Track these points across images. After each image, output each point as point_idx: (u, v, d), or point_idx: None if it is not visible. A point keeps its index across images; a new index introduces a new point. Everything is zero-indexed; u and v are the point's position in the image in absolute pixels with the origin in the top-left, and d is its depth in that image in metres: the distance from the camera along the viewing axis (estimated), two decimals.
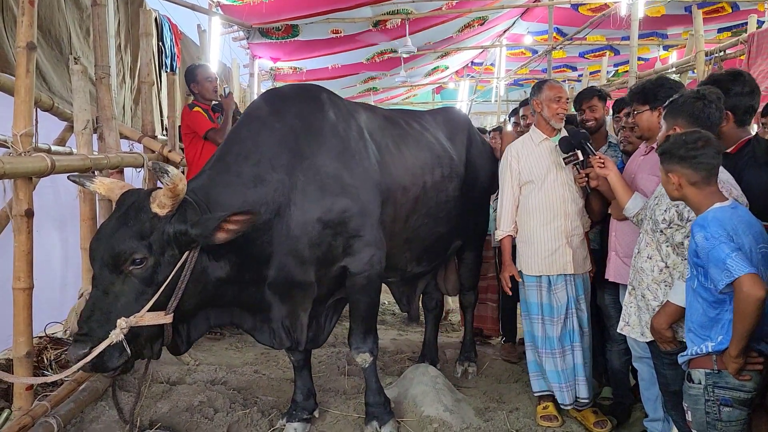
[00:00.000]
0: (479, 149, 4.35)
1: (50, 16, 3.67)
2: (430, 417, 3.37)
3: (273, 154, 2.97)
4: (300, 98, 3.30)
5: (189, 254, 2.54)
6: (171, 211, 2.47)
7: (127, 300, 2.43)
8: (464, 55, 13.74)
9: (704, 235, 2.06)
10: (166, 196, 2.42)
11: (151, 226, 2.45)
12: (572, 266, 3.35)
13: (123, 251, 2.40)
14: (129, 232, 2.42)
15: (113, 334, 2.35)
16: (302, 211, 2.94)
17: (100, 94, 3.63)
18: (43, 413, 2.82)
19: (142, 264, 2.43)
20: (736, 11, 9.13)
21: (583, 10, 9.90)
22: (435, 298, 4.48)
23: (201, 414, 3.31)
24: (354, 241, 3.10)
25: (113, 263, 2.41)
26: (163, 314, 2.49)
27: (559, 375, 3.37)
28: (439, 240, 3.95)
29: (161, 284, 2.47)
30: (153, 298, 2.45)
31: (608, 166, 3.00)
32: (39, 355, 3.79)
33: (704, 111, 2.42)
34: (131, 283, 2.45)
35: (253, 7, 7.24)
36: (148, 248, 2.44)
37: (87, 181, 2.69)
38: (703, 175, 2.16)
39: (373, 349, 3.33)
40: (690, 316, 2.24)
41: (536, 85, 3.52)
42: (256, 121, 3.12)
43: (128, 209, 2.48)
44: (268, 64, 9.59)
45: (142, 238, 2.43)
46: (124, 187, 2.64)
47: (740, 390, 2.09)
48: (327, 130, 3.18)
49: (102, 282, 2.44)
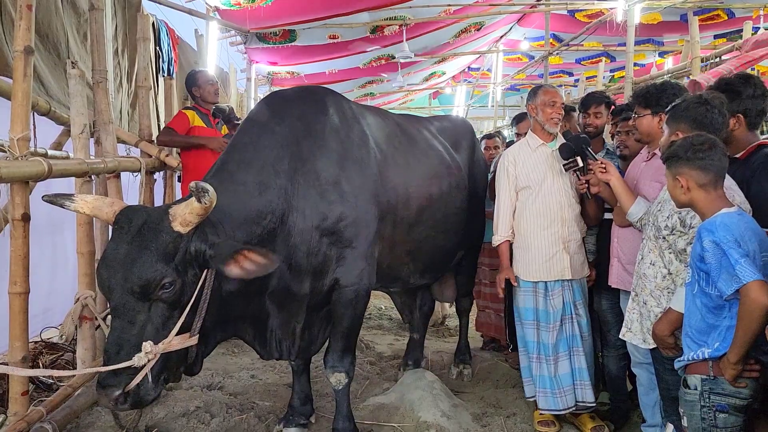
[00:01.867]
0: (480, 158, 4.38)
1: (48, 20, 3.67)
2: (428, 422, 3.36)
3: (275, 158, 2.90)
4: (303, 100, 3.23)
5: (208, 272, 2.42)
6: (193, 229, 2.36)
7: (154, 327, 2.29)
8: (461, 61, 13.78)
9: (712, 240, 2.04)
10: (194, 214, 2.29)
11: (174, 246, 2.31)
12: (570, 272, 3.35)
13: (153, 277, 2.24)
14: (153, 255, 2.26)
15: (138, 357, 2.21)
16: (302, 218, 2.89)
17: (97, 99, 3.62)
18: (39, 418, 2.80)
19: (171, 288, 2.30)
20: (731, 18, 9.18)
21: (579, 17, 9.93)
22: (427, 300, 4.47)
23: (197, 419, 3.30)
24: (347, 252, 3.03)
25: (142, 291, 2.25)
26: (188, 336, 2.38)
27: (552, 381, 3.35)
28: (445, 252, 3.92)
29: (186, 306, 2.36)
30: (179, 321, 2.34)
31: (610, 171, 2.99)
32: (35, 359, 3.79)
33: (707, 116, 2.41)
34: (159, 309, 2.31)
35: (251, 12, 7.25)
36: (175, 270, 2.30)
37: (66, 200, 2.46)
38: (712, 177, 2.15)
39: (349, 371, 3.17)
40: (688, 321, 2.24)
41: (532, 91, 3.54)
42: (257, 125, 3.05)
43: (143, 230, 2.30)
44: (265, 68, 9.61)
45: (169, 261, 2.29)
46: (113, 204, 2.45)
47: (736, 397, 2.09)
48: (328, 134, 3.11)
49: (126, 312, 2.26)
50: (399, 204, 3.36)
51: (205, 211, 2.30)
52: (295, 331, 3.02)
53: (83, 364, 3.28)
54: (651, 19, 9.29)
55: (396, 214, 3.35)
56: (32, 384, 3.50)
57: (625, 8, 7.35)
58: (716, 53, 5.49)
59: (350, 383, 3.21)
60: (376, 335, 5.64)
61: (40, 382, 3.60)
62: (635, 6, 7.13)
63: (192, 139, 4.39)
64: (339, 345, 3.14)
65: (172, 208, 2.36)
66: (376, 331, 5.81)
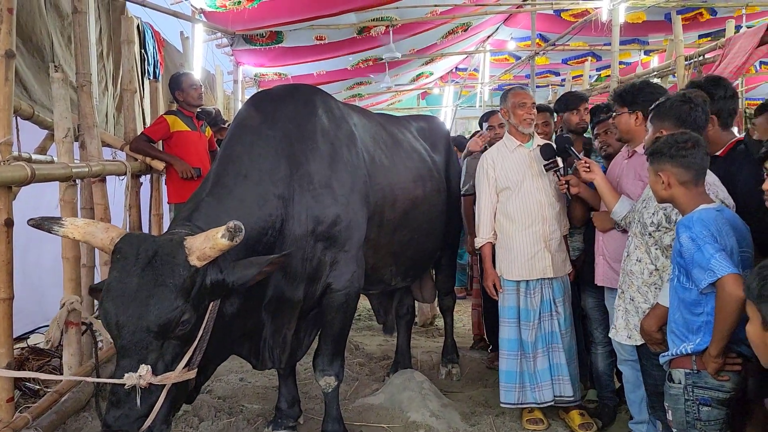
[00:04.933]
0: (454, 159, 4.41)
1: (31, 23, 3.64)
2: (417, 422, 3.37)
3: (271, 167, 2.81)
4: (292, 100, 3.14)
5: (213, 304, 2.32)
6: (208, 263, 2.23)
7: (164, 364, 2.16)
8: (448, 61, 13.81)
9: (689, 236, 2.08)
10: (217, 249, 2.16)
11: (192, 281, 2.17)
12: (551, 270, 3.38)
13: (174, 315, 2.11)
14: (172, 291, 2.12)
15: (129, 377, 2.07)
16: (298, 224, 2.83)
17: (81, 102, 3.61)
18: (25, 425, 2.79)
19: (188, 324, 2.18)
20: (714, 17, 9.28)
21: (565, 16, 10.00)
22: (406, 303, 4.43)
23: (185, 423, 3.29)
24: (340, 256, 2.99)
25: (161, 330, 2.11)
26: (187, 370, 2.24)
27: (531, 376, 3.40)
28: (427, 254, 3.93)
29: (195, 340, 2.25)
30: (187, 355, 2.22)
31: (594, 171, 3.01)
32: (21, 366, 3.76)
33: (690, 114, 2.45)
34: (171, 346, 2.18)
35: (237, 14, 7.23)
36: (193, 306, 2.18)
37: (54, 225, 2.26)
38: (693, 174, 2.19)
39: (339, 374, 3.14)
40: (672, 317, 2.27)
41: (502, 95, 3.58)
42: (249, 131, 2.93)
43: (155, 262, 2.14)
44: (252, 70, 9.57)
45: (187, 297, 2.16)
46: (109, 230, 2.27)
47: (719, 390, 2.12)
48: (319, 135, 3.04)
49: (137, 350, 2.10)
50: (386, 206, 3.35)
51: (229, 248, 2.18)
52: (286, 338, 2.97)
53: (70, 370, 3.26)
54: (635, 18, 9.37)
55: (383, 216, 3.33)
56: (18, 390, 3.47)
57: (610, 8, 7.43)
58: (700, 52, 5.56)
59: (339, 386, 3.20)
60: (365, 336, 5.64)
61: (26, 388, 3.58)
62: (620, 5, 7.21)
63: (160, 154, 4.35)
64: (329, 349, 3.12)
65: (187, 241, 2.21)
66: (365, 332, 5.81)
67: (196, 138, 4.51)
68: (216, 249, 2.16)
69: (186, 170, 4.23)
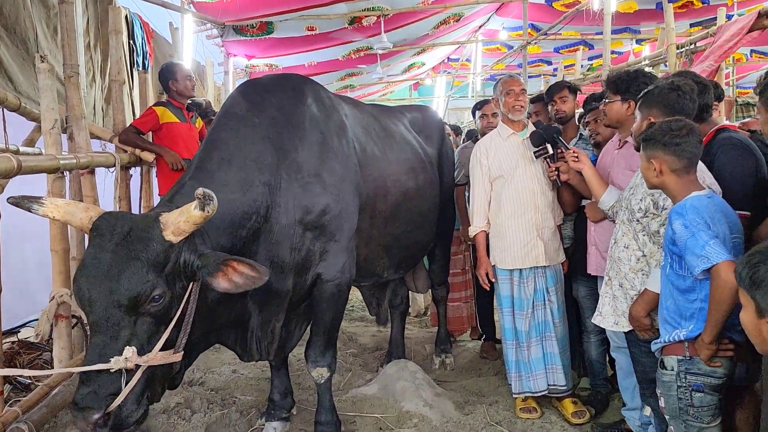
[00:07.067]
0: (448, 149, 4.39)
1: (15, 14, 3.59)
2: (410, 412, 3.37)
3: (257, 153, 2.76)
4: (281, 89, 3.10)
5: (194, 284, 2.28)
6: (184, 239, 2.19)
7: (139, 342, 2.11)
8: (440, 52, 13.76)
9: (682, 223, 2.07)
10: (191, 222, 2.13)
11: (166, 256, 2.14)
12: (544, 258, 3.39)
13: (144, 289, 2.07)
14: (144, 265, 2.09)
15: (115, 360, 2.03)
16: (285, 213, 2.79)
17: (69, 94, 3.55)
18: (14, 419, 2.76)
19: (161, 300, 2.14)
20: (705, 5, 9.27)
21: (557, 6, 9.96)
22: (399, 294, 4.43)
23: (178, 415, 3.28)
24: (330, 246, 2.96)
25: (130, 304, 2.07)
26: (172, 353, 2.22)
27: (525, 365, 3.43)
28: (420, 246, 3.92)
29: (172, 320, 2.20)
30: (165, 335, 2.18)
31: (582, 160, 3.02)
32: (11, 360, 3.74)
33: (678, 102, 2.44)
34: (144, 323, 2.13)
35: (226, 5, 7.17)
36: (166, 282, 2.15)
37: (33, 204, 2.23)
38: (685, 162, 2.18)
39: (331, 364, 3.12)
40: (664, 304, 2.27)
41: (494, 85, 3.59)
42: (235, 118, 2.88)
43: (129, 238, 2.12)
44: (243, 61, 9.49)
45: (159, 272, 2.12)
46: (89, 210, 2.25)
47: (711, 376, 2.12)
48: (308, 124, 3.00)
49: (108, 326, 2.07)
50: (378, 197, 3.33)
51: (204, 221, 2.15)
52: (275, 330, 2.94)
53: (60, 363, 3.23)
54: (627, 7, 9.35)
55: (374, 208, 3.31)
56: (9, 384, 3.45)
57: None
58: (691, 40, 5.55)
59: (332, 377, 3.19)
60: (358, 327, 5.64)
61: (17, 382, 3.55)
62: None
63: (149, 145, 4.30)
64: (321, 340, 3.10)
65: (162, 216, 2.18)
66: (358, 323, 5.81)
67: (186, 129, 4.47)
68: (190, 222, 2.13)
69: (176, 161, 4.19)
